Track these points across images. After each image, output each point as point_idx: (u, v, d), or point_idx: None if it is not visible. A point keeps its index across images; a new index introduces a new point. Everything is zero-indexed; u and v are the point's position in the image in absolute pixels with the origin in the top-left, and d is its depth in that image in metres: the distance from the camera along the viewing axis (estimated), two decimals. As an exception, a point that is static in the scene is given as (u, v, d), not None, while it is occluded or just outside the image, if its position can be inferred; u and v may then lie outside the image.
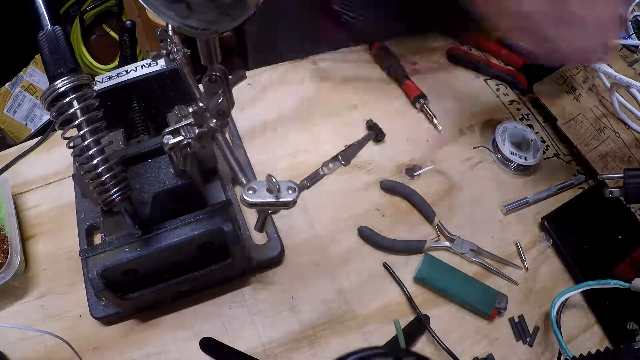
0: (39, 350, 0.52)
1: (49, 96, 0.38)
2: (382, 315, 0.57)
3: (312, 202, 0.63)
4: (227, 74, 0.38)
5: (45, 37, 0.39)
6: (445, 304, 0.58)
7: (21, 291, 0.56)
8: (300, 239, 0.61)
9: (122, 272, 0.47)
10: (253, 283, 0.57)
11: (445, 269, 0.59)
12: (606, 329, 0.58)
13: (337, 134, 0.70)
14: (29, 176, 0.64)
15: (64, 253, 0.58)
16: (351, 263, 0.60)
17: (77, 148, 0.40)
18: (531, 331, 0.57)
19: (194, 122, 0.41)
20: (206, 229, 0.48)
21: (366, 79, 0.77)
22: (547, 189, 0.67)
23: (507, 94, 0.78)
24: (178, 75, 0.51)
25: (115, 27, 1.71)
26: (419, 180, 0.67)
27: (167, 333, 0.54)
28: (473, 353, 0.55)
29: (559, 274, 0.62)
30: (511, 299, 0.58)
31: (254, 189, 0.37)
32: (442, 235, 0.62)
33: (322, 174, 0.59)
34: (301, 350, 0.54)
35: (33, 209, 0.62)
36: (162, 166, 0.50)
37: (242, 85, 0.74)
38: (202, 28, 0.32)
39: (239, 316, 0.55)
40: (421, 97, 0.73)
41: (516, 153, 0.68)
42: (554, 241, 0.63)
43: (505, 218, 0.65)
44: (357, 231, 0.62)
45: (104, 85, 0.53)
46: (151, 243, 0.47)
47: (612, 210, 0.64)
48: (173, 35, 0.50)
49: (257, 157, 0.67)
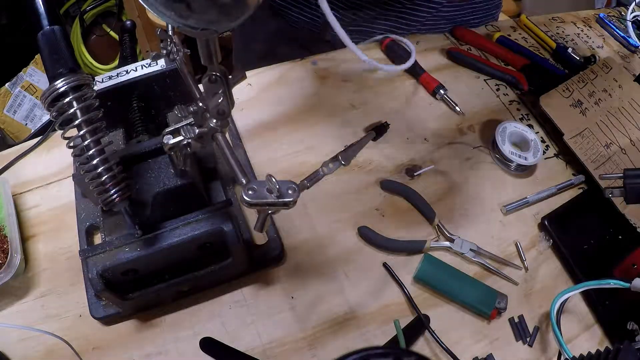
0: (39, 350, 0.52)
1: (49, 96, 0.38)
2: (382, 315, 0.57)
3: (312, 202, 0.63)
4: (227, 74, 0.38)
5: (45, 37, 0.39)
6: (445, 304, 0.58)
7: (21, 291, 0.56)
8: (300, 239, 0.61)
9: (122, 272, 0.47)
10: (253, 283, 0.57)
11: (445, 269, 0.59)
12: (606, 329, 0.58)
13: (337, 134, 0.70)
14: (29, 176, 0.64)
15: (64, 253, 0.58)
16: (351, 263, 0.60)
17: (77, 148, 0.40)
18: (531, 331, 0.57)
19: (194, 122, 0.41)
20: (206, 229, 0.48)
21: (366, 79, 0.77)
22: (547, 189, 0.67)
23: (507, 94, 0.78)
24: (178, 75, 0.52)
25: (115, 27, 1.72)
26: (419, 180, 0.67)
27: (167, 333, 0.54)
28: (473, 353, 0.55)
29: (559, 274, 0.62)
30: (511, 299, 0.58)
31: (254, 189, 0.37)
32: (442, 235, 0.62)
33: (322, 174, 0.58)
34: (301, 350, 0.54)
35: (33, 209, 0.62)
36: (162, 166, 0.50)
37: (242, 85, 0.74)
38: (202, 28, 0.32)
39: (239, 316, 0.55)
40: (440, 87, 0.74)
41: (516, 153, 0.68)
42: (554, 241, 0.63)
43: (505, 218, 0.65)
44: (357, 231, 0.61)
45: (104, 85, 0.53)
46: (151, 243, 0.47)
47: (612, 210, 0.64)
48: (173, 35, 0.50)
49: (257, 157, 0.67)
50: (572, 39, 0.92)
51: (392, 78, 0.78)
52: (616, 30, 0.95)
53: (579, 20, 0.97)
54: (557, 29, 0.94)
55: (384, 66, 0.74)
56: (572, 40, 0.92)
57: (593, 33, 0.95)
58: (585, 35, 0.94)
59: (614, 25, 0.96)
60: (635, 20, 0.98)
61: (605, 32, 0.96)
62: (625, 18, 0.97)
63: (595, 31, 0.95)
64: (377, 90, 0.76)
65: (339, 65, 0.78)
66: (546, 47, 0.89)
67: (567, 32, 0.94)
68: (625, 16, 0.98)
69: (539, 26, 0.91)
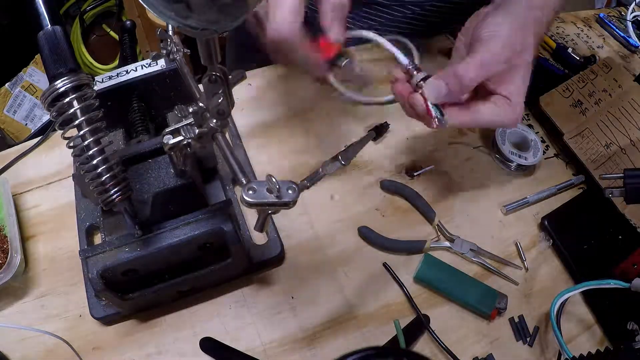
0: (39, 350, 0.52)
1: (49, 96, 0.38)
2: (382, 315, 0.57)
3: (312, 202, 0.63)
4: (227, 74, 0.38)
5: (45, 37, 0.39)
6: (445, 304, 0.58)
7: (21, 291, 0.56)
8: (300, 239, 0.61)
9: (122, 272, 0.47)
10: (253, 283, 0.57)
11: (445, 269, 0.59)
12: (606, 329, 0.57)
13: (337, 133, 0.70)
14: (29, 176, 0.64)
15: (64, 253, 0.58)
16: (351, 263, 0.60)
17: (77, 148, 0.40)
18: (531, 331, 0.57)
19: (194, 122, 0.41)
20: (206, 229, 0.48)
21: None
22: (547, 189, 0.67)
23: (507, 94, 0.78)
24: (178, 75, 0.52)
25: (115, 27, 1.72)
26: (419, 180, 0.67)
27: (167, 333, 0.54)
28: (473, 353, 0.55)
29: (559, 274, 0.62)
30: (511, 299, 0.57)
31: (254, 189, 0.37)
32: (442, 235, 0.62)
33: (322, 174, 0.59)
34: (301, 350, 0.54)
35: (33, 209, 0.62)
36: (162, 166, 0.50)
37: (242, 85, 0.74)
38: (202, 28, 0.32)
39: (239, 316, 0.55)
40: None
41: (516, 153, 0.68)
42: (554, 241, 0.63)
43: (505, 218, 0.65)
44: (357, 231, 0.61)
45: (104, 85, 0.53)
46: (151, 243, 0.47)
47: (612, 210, 0.64)
48: (173, 35, 0.50)
49: (257, 157, 0.67)
50: (572, 39, 0.92)
51: (392, 78, 0.77)
52: (616, 30, 0.95)
53: (579, 20, 0.97)
54: (557, 29, 0.94)
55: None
56: (572, 40, 0.92)
57: (593, 33, 0.95)
58: (585, 35, 0.94)
59: (614, 25, 0.96)
60: (635, 20, 0.98)
61: (605, 32, 0.96)
62: (625, 18, 0.97)
63: (595, 31, 0.95)
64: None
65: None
66: (546, 47, 0.88)
67: (567, 32, 0.94)
68: (625, 16, 0.98)
69: (539, 26, 0.91)
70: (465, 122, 0.47)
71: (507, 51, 0.45)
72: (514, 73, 0.46)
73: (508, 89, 0.47)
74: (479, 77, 0.45)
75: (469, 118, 0.46)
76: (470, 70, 0.44)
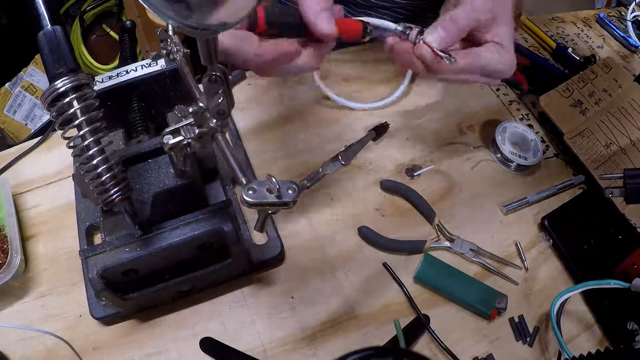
0: (39, 350, 0.52)
1: (49, 96, 0.38)
2: (382, 315, 0.57)
3: (312, 202, 0.63)
4: (227, 74, 0.38)
5: (45, 37, 0.39)
6: (445, 304, 0.58)
7: (21, 291, 0.56)
8: (300, 239, 0.61)
9: (122, 272, 0.47)
10: (253, 283, 0.57)
11: (445, 269, 0.59)
12: (606, 329, 0.57)
13: (337, 134, 0.70)
14: (29, 176, 0.64)
15: (64, 253, 0.58)
16: (351, 263, 0.60)
17: (77, 148, 0.40)
18: (531, 331, 0.57)
19: (194, 122, 0.41)
20: (206, 229, 0.48)
21: (365, 78, 0.77)
22: (547, 189, 0.67)
23: (507, 94, 0.78)
24: (178, 75, 0.52)
25: (115, 27, 1.72)
26: (419, 180, 0.67)
27: (167, 333, 0.54)
28: (473, 353, 0.55)
29: (558, 274, 0.62)
30: (511, 299, 0.58)
31: (254, 189, 0.37)
32: (442, 235, 0.62)
33: (322, 174, 0.58)
34: (301, 350, 0.54)
35: (33, 209, 0.62)
36: (162, 166, 0.50)
37: (242, 85, 0.74)
38: (202, 28, 0.32)
39: (239, 316, 0.55)
40: None
41: (516, 153, 0.68)
42: (554, 241, 0.63)
43: (505, 218, 0.65)
44: (357, 231, 0.61)
45: (104, 85, 0.53)
46: (151, 243, 0.47)
47: (612, 210, 0.64)
48: (173, 35, 0.49)
49: (257, 157, 0.67)
50: (572, 39, 0.92)
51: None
52: (616, 30, 0.95)
53: (579, 20, 0.97)
54: (557, 29, 0.94)
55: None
56: (572, 40, 0.92)
57: (593, 33, 0.95)
58: (585, 35, 0.94)
59: (614, 25, 0.96)
60: (635, 20, 0.98)
61: (605, 32, 0.96)
62: (625, 18, 0.97)
63: (595, 31, 0.95)
64: (377, 89, 0.76)
65: (339, 65, 0.78)
66: (546, 47, 0.89)
67: (567, 32, 0.94)
68: (625, 16, 0.98)
69: (539, 26, 0.91)
70: (468, 64, 0.50)
71: (489, 2, 0.49)
72: (499, 21, 0.50)
73: (498, 34, 0.51)
74: (471, 21, 0.49)
75: (471, 59, 0.50)
76: (464, 14, 0.49)
